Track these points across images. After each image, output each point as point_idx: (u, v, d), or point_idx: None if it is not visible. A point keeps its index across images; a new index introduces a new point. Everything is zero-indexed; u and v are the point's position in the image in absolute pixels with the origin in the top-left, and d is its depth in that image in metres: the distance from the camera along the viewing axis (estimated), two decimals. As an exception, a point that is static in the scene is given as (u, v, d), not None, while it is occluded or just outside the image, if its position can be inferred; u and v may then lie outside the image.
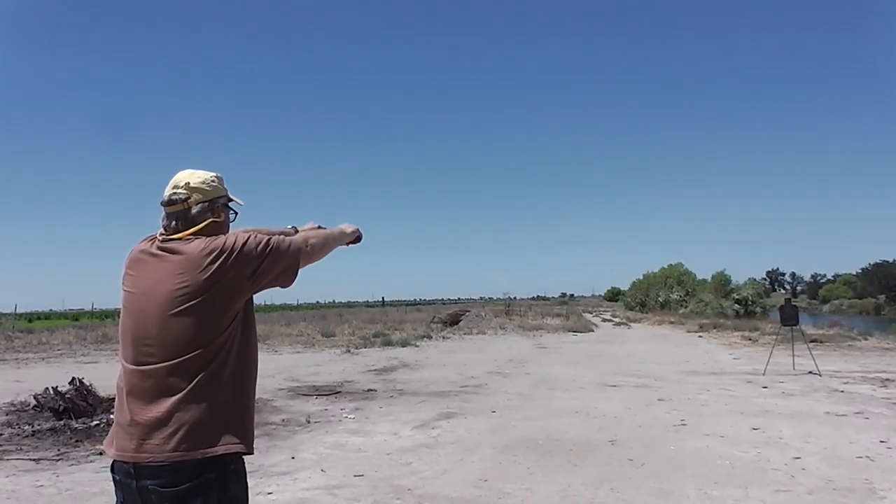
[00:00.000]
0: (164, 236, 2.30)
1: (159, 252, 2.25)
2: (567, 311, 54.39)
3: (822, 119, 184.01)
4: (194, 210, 2.32)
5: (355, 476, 6.27)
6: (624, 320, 44.49)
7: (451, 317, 39.68)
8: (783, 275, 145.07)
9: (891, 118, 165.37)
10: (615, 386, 12.26)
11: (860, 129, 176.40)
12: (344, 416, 9.49)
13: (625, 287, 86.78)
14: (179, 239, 2.26)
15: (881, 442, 7.30)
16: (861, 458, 6.65)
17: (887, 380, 12.27)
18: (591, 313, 62.24)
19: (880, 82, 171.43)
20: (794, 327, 14.46)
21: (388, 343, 23.38)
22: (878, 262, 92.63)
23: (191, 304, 2.13)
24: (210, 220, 2.34)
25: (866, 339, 21.89)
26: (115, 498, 2.21)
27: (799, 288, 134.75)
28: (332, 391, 11.87)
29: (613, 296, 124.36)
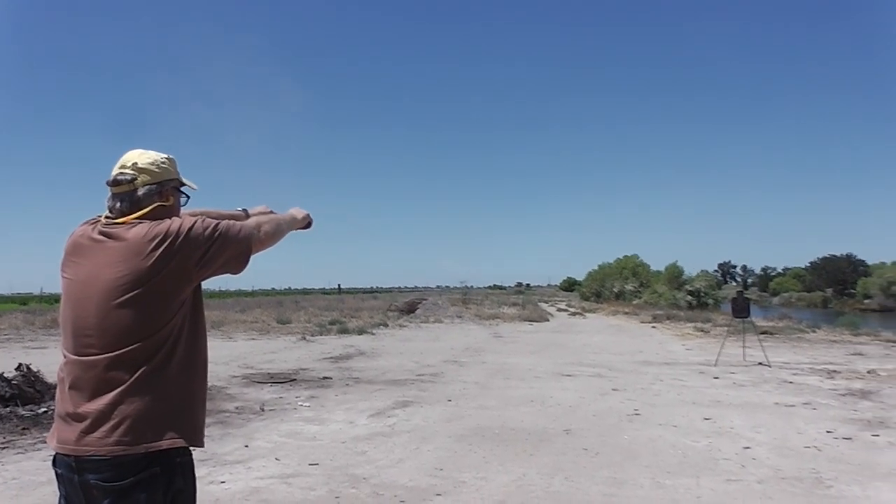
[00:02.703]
0: (107, 219, 2.20)
1: (100, 237, 2.13)
2: (523, 301, 54.74)
3: (774, 115, 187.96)
4: (141, 192, 2.20)
5: (310, 465, 6.23)
6: (579, 310, 44.78)
7: (408, 305, 39.83)
8: (735, 267, 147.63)
9: (842, 116, 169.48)
10: (570, 376, 12.35)
11: (811, 126, 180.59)
12: (299, 404, 9.41)
13: (581, 277, 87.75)
14: (122, 223, 2.15)
15: (828, 432, 7.47)
16: (809, 448, 6.80)
17: (834, 371, 12.55)
18: (548, 303, 62.61)
19: (834, 80, 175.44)
20: (745, 319, 14.72)
21: (344, 331, 23.25)
22: (826, 256, 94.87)
23: (133, 293, 2.03)
24: (157, 203, 2.22)
25: (814, 332, 22.33)
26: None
27: (750, 280, 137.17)
28: (287, 379, 11.77)
29: (569, 286, 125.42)
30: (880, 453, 6.56)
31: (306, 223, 2.70)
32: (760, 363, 13.62)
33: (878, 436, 7.28)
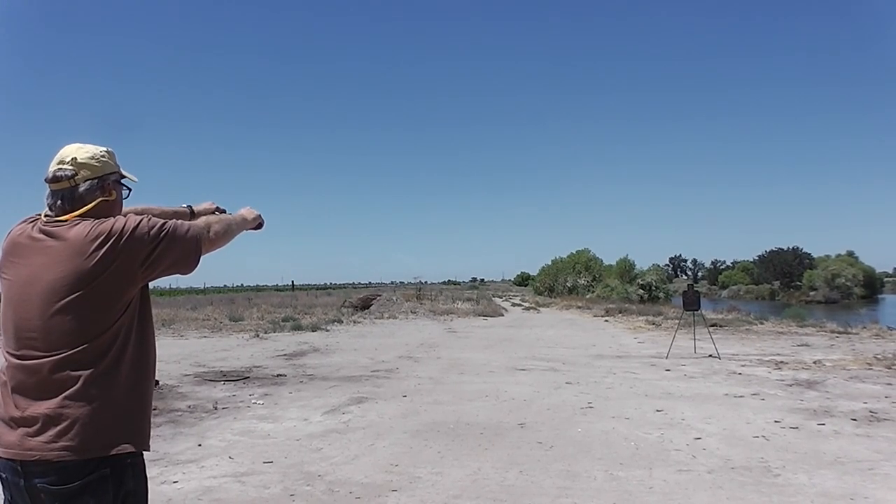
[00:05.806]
0: (48, 217, 2.13)
1: (40, 236, 2.07)
2: (477, 296, 54.84)
3: (723, 111, 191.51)
4: (82, 188, 2.14)
5: (264, 463, 6.17)
6: (533, 305, 45.13)
7: (362, 301, 39.57)
8: (685, 261, 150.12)
9: (787, 112, 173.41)
10: (524, 370, 12.43)
11: (758, 122, 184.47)
12: (252, 401, 9.31)
13: (534, 272, 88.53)
14: (64, 221, 2.08)
15: (776, 422, 7.64)
16: (757, 437, 6.94)
17: (781, 362, 12.81)
18: (501, 298, 62.97)
19: (780, 76, 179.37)
20: (695, 312, 14.93)
21: (298, 327, 23.04)
22: (773, 249, 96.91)
23: (76, 294, 1.98)
24: (100, 199, 2.16)
25: (762, 324, 22.75)
26: (2, 497, 2.08)
27: (700, 274, 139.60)
28: (240, 376, 11.62)
29: (523, 280, 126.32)
30: (825, 442, 6.73)
31: (257, 224, 2.66)
32: (710, 355, 13.84)
33: (823, 425, 7.47)
